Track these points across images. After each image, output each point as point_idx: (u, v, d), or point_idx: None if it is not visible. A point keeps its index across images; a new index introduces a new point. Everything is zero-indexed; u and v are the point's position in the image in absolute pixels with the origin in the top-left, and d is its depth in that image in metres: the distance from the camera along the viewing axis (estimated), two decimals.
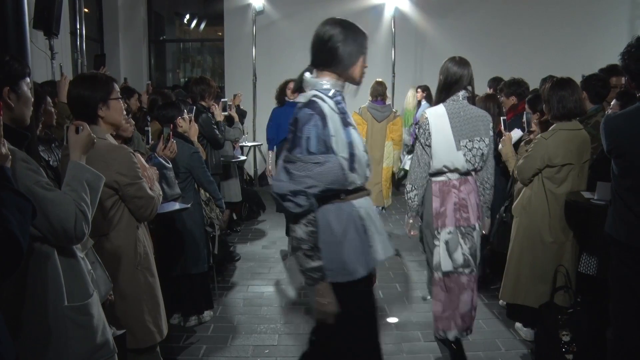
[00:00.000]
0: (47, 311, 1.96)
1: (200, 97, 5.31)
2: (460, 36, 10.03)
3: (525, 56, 9.74)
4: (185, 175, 4.09)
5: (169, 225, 4.00)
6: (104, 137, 2.65)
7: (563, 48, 9.89)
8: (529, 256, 3.79)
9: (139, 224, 2.81)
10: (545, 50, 9.91)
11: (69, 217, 1.91)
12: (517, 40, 10.09)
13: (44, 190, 1.88)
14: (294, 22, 10.27)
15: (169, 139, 3.77)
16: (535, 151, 3.68)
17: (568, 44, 9.92)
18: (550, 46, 9.97)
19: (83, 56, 6.94)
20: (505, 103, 5.02)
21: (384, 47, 10.29)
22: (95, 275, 2.26)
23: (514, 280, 3.86)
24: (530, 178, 3.76)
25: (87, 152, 2.15)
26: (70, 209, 1.92)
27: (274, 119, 6.01)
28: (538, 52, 9.86)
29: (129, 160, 2.66)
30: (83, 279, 2.09)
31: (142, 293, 2.80)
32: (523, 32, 10.15)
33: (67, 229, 1.91)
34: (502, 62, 9.38)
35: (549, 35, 10.08)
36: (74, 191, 2.00)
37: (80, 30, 6.90)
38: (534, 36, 10.09)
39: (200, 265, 4.19)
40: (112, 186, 2.61)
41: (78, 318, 2.02)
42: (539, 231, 3.74)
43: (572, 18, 10.10)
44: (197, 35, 12.39)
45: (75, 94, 2.61)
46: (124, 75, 9.64)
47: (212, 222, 4.38)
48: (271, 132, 6.01)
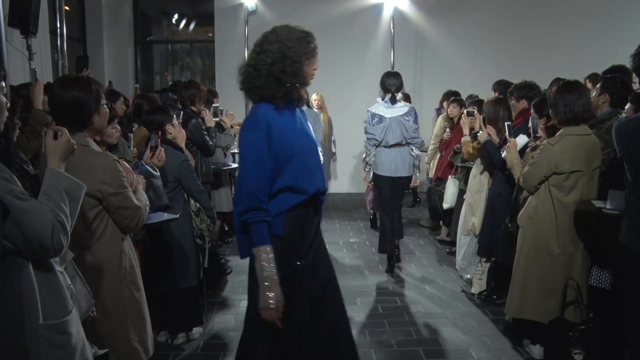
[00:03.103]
0: (20, 330, 1.92)
1: (190, 102, 5.29)
2: (462, 37, 10.07)
3: (531, 58, 9.78)
4: (174, 185, 4.08)
5: (156, 237, 3.97)
6: (87, 143, 2.63)
7: (571, 49, 9.91)
8: (535, 268, 3.78)
9: (125, 236, 2.80)
10: (552, 51, 9.95)
11: (45, 228, 1.89)
12: (522, 41, 10.13)
13: (18, 200, 1.86)
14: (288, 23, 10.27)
15: (157, 146, 3.76)
16: (541, 157, 3.68)
17: (576, 45, 9.95)
18: (558, 47, 10.01)
19: (64, 57, 6.89)
20: (515, 107, 5.01)
21: (383, 48, 10.32)
22: (75, 291, 2.23)
23: (520, 294, 3.84)
24: (536, 186, 3.76)
25: (66, 159, 2.13)
26: (46, 220, 1.90)
27: None
28: (545, 54, 9.89)
29: (113, 169, 2.65)
30: (61, 294, 2.06)
31: (127, 309, 2.78)
32: (529, 32, 10.19)
33: (43, 241, 1.89)
34: (507, 64, 9.41)
35: (556, 36, 10.12)
36: (51, 201, 1.97)
37: (61, 30, 6.86)
38: (541, 37, 10.14)
39: (189, 279, 4.17)
40: (95, 196, 2.59)
41: (54, 337, 1.99)
42: (546, 242, 3.73)
43: (580, 18, 10.13)
44: (186, 36, 12.40)
45: (68, 97, 2.58)
46: (108, 79, 9.58)
47: (202, 234, 4.36)
48: None
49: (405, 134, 5.60)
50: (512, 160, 4.25)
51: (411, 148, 5.67)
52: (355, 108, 9.11)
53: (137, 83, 8.85)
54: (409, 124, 5.60)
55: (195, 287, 4.28)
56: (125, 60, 10.80)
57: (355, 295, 5.27)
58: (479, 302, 5.02)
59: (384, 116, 5.62)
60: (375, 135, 5.61)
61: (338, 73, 10.00)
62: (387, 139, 5.60)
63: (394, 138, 5.59)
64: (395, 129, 5.59)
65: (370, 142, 5.69)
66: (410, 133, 5.60)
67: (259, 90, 2.51)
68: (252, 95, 2.55)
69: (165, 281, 4.08)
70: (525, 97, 4.95)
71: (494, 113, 4.88)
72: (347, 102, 9.93)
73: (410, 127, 5.60)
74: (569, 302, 3.58)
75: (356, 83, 10.03)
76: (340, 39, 10.05)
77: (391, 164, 5.63)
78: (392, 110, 5.62)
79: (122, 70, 10.64)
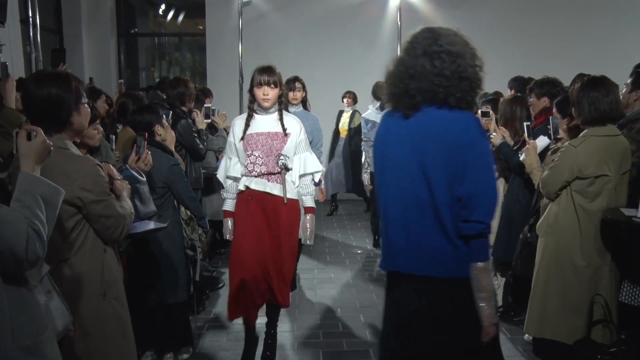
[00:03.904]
0: None
1: (180, 102, 5.29)
2: (475, 29, 9.85)
3: (552, 52, 9.76)
4: (163, 191, 4.07)
5: (142, 247, 3.96)
6: (65, 145, 2.61)
7: (596, 42, 9.90)
8: (557, 283, 3.75)
9: (107, 247, 2.78)
10: (576, 45, 9.92)
11: (18, 237, 1.86)
12: (542, 34, 10.12)
13: None
14: (286, 15, 10.29)
15: (144, 148, 3.75)
16: (563, 161, 3.66)
17: (602, 38, 9.93)
18: (582, 40, 9.98)
19: (38, 50, 6.79)
20: (536, 105, 4.97)
21: (389, 42, 10.31)
22: (52, 307, 2.20)
23: (540, 311, 3.82)
24: (557, 192, 3.74)
25: (42, 161, 2.10)
26: (20, 229, 1.87)
27: None
28: (567, 48, 9.87)
29: (95, 173, 2.63)
30: (35, 312, 2.03)
31: (109, 327, 2.75)
32: (549, 24, 10.18)
33: (16, 251, 1.86)
34: (524, 60, 9.41)
35: (580, 28, 10.09)
36: (26, 207, 1.94)
37: (34, 19, 6.72)
38: (563, 29, 10.12)
39: (178, 294, 4.15)
40: (74, 203, 2.57)
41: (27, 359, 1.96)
42: (569, 253, 3.71)
43: (606, 8, 10.11)
44: (174, 28, 12.42)
45: (44, 94, 2.55)
46: (88, 75, 9.49)
47: (193, 244, 4.35)
48: None
49: None
50: (532, 164, 4.24)
51: None
52: (358, 107, 9.11)
53: (121, 79, 8.82)
54: None
55: (184, 302, 4.26)
56: (107, 54, 10.77)
57: (359, 312, 5.25)
58: None
59: (376, 122, 6.31)
60: (370, 138, 6.54)
61: (340, 68, 10.01)
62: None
63: None
64: None
65: (367, 145, 6.75)
66: None
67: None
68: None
69: (152, 296, 4.06)
70: (547, 94, 4.91)
71: (510, 112, 4.85)
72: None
73: None
74: (596, 320, 3.55)
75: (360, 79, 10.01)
76: (343, 32, 10.08)
77: None
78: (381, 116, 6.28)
79: (103, 66, 10.60)
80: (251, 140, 3.93)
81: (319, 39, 10.18)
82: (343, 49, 10.13)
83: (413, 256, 2.50)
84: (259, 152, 3.89)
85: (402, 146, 2.55)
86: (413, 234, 2.50)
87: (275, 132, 3.92)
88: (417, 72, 2.51)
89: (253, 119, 3.97)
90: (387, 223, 2.60)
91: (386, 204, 2.60)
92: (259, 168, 3.90)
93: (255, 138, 3.92)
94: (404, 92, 2.53)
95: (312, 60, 9.92)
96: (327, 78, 9.63)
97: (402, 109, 2.57)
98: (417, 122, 2.52)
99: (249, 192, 3.94)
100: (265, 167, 3.90)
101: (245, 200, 3.96)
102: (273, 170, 3.91)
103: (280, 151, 3.91)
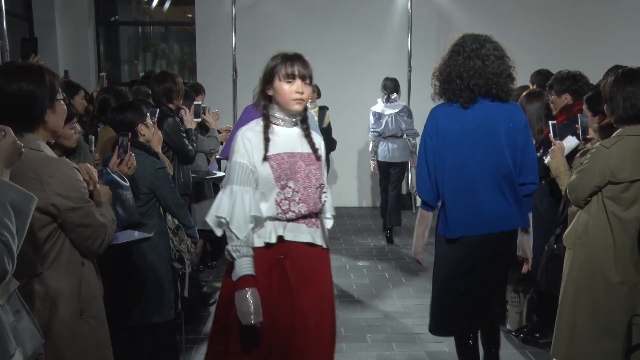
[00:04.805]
0: None
1: (167, 98, 5.29)
2: (495, 18, 10.03)
3: (582, 43, 9.78)
4: (147, 197, 4.07)
5: (124, 260, 3.95)
6: (38, 147, 2.59)
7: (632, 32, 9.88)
8: (588, 300, 3.71)
9: (85, 260, 2.76)
10: (609, 35, 9.90)
11: None
12: (571, 23, 10.12)
13: None
14: (285, 3, 10.31)
15: (127, 150, 3.74)
16: (593, 163, 3.63)
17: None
18: (617, 29, 9.96)
19: (4, 39, 6.76)
20: (556, 103, 4.98)
21: (398, 33, 10.35)
22: (20, 328, 2.17)
23: (569, 333, 3.77)
24: (587, 198, 3.70)
25: (11, 165, 2.08)
26: None
27: None
28: (600, 38, 9.87)
29: (72, 178, 2.62)
30: (0, 333, 2.00)
31: (86, 350, 2.72)
32: (579, 11, 10.18)
33: None
34: (550, 52, 9.43)
35: (613, 16, 10.08)
36: None
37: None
38: (594, 17, 10.11)
39: (164, 312, 4.13)
40: (48, 211, 2.55)
41: None
42: (601, 267, 3.67)
43: None
44: (160, 17, 12.40)
45: (14, 89, 2.54)
46: (63, 67, 9.41)
47: (181, 256, 4.34)
48: None
49: (402, 127, 8.20)
50: (558, 167, 4.22)
51: (408, 139, 8.33)
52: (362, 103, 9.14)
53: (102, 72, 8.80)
54: (403, 119, 8.21)
55: (171, 321, 4.24)
56: (85, 44, 10.71)
57: (365, 331, 5.25)
58: (517, 342, 4.97)
59: (382, 113, 8.23)
60: (376, 128, 8.30)
61: (344, 62, 10.02)
62: (385, 132, 8.24)
63: (390, 131, 8.22)
64: (391, 123, 8.21)
65: (373, 135, 8.34)
66: (405, 127, 8.21)
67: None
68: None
69: (135, 315, 4.04)
70: (569, 90, 4.91)
71: (529, 110, 4.87)
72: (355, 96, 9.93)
73: (405, 122, 8.21)
74: (636, 345, 3.51)
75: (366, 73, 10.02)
76: (348, 22, 10.10)
77: (388, 151, 8.25)
78: (388, 108, 8.23)
79: (80, 58, 10.54)
80: (282, 164, 3.01)
81: (322, 30, 10.19)
82: (348, 40, 10.13)
83: (486, 219, 3.58)
84: (294, 184, 3.01)
85: (471, 133, 3.54)
86: (484, 201, 3.58)
87: (307, 154, 3.10)
88: (475, 71, 3.49)
89: (272, 132, 3.06)
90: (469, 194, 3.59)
91: (459, 179, 3.59)
92: (297, 207, 3.00)
93: (286, 161, 3.02)
94: (466, 87, 3.51)
95: (314, 53, 9.73)
96: (330, 73, 9.59)
97: (461, 101, 3.54)
98: (480, 112, 3.55)
99: (281, 246, 3.03)
100: (305, 205, 3.02)
101: (274, 260, 3.05)
102: (315, 210, 3.07)
103: (320, 181, 3.10)
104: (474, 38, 3.58)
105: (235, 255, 2.92)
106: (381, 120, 8.25)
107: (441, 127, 3.57)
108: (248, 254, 2.93)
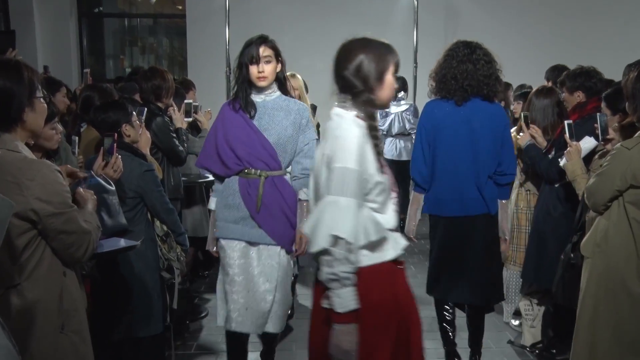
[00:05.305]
0: None
1: (155, 97, 5.28)
2: (506, 12, 10.08)
3: (599, 38, 9.78)
4: (134, 202, 4.07)
5: (109, 270, 3.95)
6: (16, 148, 2.58)
7: None
8: (608, 314, 3.69)
9: (67, 269, 2.75)
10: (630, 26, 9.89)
11: None
12: (587, 16, 10.17)
13: None
14: None
15: (112, 152, 3.73)
16: (613, 165, 3.61)
17: None
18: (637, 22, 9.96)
19: None
20: (568, 100, 4.99)
21: (403, 27, 10.36)
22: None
23: (588, 349, 3.75)
24: (606, 203, 3.68)
25: None
26: None
27: None
28: (619, 31, 9.87)
29: (53, 181, 2.60)
30: None
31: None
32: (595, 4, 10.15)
33: None
34: (565, 47, 9.45)
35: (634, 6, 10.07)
36: None
37: None
38: (612, 10, 10.11)
39: (152, 326, 4.13)
40: (27, 217, 2.53)
41: None
42: (622, 278, 3.65)
43: None
44: (148, 8, 12.43)
45: None
46: (43, 63, 9.43)
47: (170, 265, 4.36)
48: None
49: (408, 125, 8.68)
50: (575, 170, 4.21)
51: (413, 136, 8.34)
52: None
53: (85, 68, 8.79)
54: (409, 118, 8.68)
55: (159, 335, 4.24)
56: (66, 38, 10.73)
57: None
58: (532, 358, 4.96)
59: (388, 111, 8.64)
60: (382, 127, 8.60)
61: None
62: (391, 130, 8.75)
63: (397, 129, 8.74)
64: (397, 121, 8.73)
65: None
66: (410, 126, 8.65)
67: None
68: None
69: (120, 328, 4.04)
70: (582, 87, 4.91)
71: (540, 107, 4.88)
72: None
73: (411, 120, 8.63)
74: None
75: None
76: (349, 15, 10.09)
77: (394, 149, 8.77)
78: (394, 107, 8.63)
79: (61, 52, 10.56)
80: (387, 171, 2.97)
81: (322, 24, 10.20)
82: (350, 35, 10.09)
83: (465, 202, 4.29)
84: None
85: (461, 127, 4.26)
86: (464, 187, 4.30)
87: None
88: (468, 73, 4.20)
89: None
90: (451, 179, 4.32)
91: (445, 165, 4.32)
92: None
93: (386, 168, 2.99)
94: (460, 87, 4.23)
95: (313, 48, 9.86)
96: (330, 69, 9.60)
97: (456, 99, 4.26)
98: (470, 109, 4.26)
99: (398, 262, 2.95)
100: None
101: (398, 274, 2.95)
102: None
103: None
104: (466, 44, 4.35)
105: (346, 283, 2.63)
106: (386, 118, 8.66)
107: (435, 119, 4.36)
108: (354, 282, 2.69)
